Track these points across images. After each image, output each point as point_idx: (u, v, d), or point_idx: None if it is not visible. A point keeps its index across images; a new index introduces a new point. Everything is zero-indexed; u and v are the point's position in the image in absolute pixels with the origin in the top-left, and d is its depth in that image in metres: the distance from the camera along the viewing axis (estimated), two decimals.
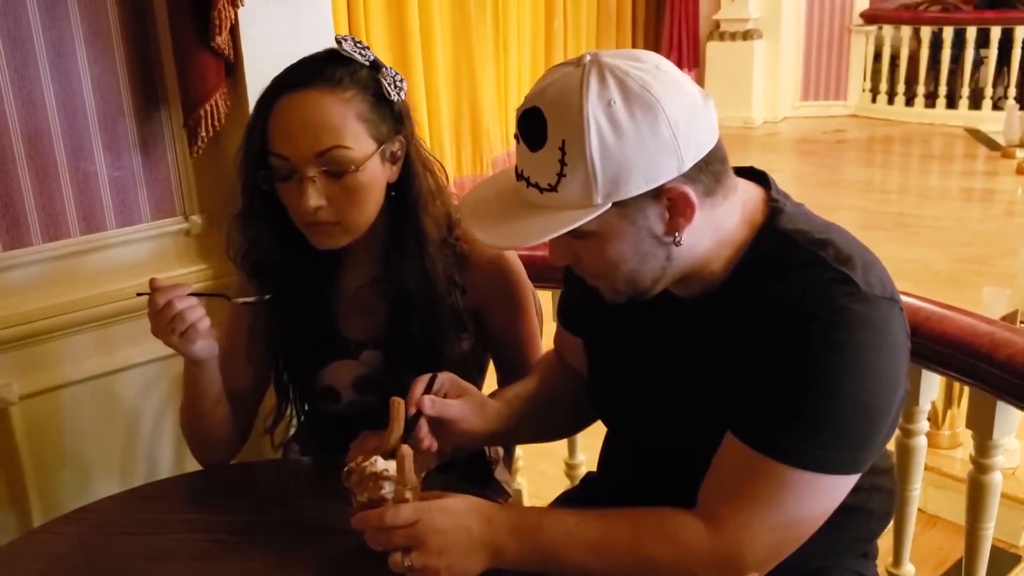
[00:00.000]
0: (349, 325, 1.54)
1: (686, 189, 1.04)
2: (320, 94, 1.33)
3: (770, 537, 1.08)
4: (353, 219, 1.38)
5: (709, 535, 1.09)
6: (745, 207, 1.14)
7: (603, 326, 1.29)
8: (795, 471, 1.05)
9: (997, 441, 1.57)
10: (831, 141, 8.51)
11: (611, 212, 1.03)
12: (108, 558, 1.27)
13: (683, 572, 1.11)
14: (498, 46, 7.04)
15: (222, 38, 1.79)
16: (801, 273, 1.09)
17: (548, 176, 1.03)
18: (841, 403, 1.04)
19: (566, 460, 2.24)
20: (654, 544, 1.11)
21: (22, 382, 1.84)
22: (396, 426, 1.26)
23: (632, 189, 1.02)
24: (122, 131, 1.90)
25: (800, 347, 1.05)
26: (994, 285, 3.67)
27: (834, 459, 1.06)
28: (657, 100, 1.00)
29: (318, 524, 1.29)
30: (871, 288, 1.06)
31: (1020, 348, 1.45)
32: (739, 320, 1.13)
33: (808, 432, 1.05)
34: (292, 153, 1.33)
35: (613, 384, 1.33)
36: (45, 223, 1.84)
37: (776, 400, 1.07)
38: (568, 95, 1.01)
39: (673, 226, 1.06)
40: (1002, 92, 8.44)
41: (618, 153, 1.00)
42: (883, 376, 1.06)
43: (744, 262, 1.14)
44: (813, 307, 1.05)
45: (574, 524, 1.13)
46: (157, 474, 2.02)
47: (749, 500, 1.08)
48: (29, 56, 1.76)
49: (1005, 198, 6.77)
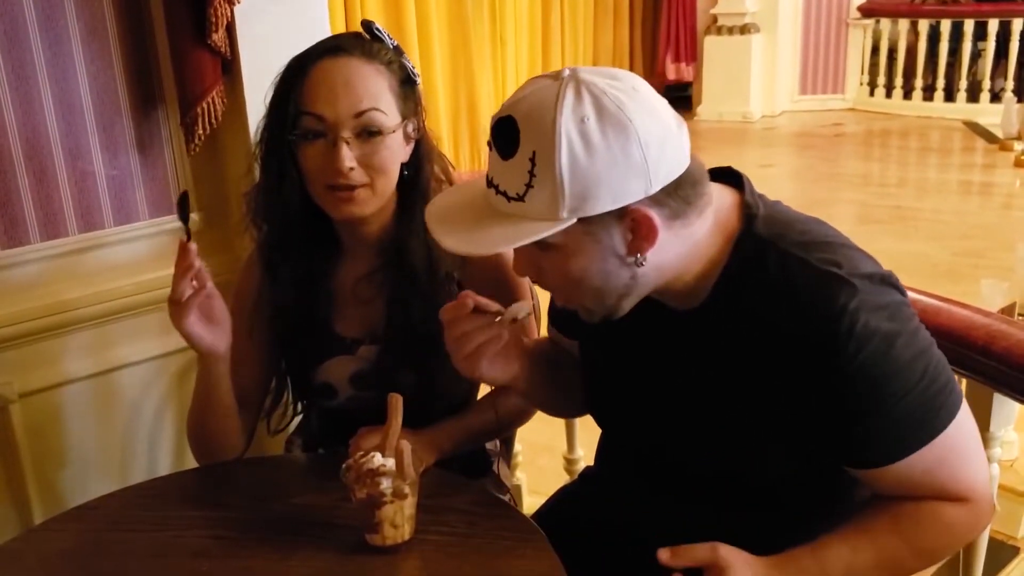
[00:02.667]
0: (345, 321, 1.54)
1: (650, 212, 1.03)
2: (359, 61, 1.40)
3: (986, 471, 1.18)
4: (380, 183, 1.42)
5: (966, 507, 1.15)
6: (718, 215, 1.13)
7: (595, 333, 1.28)
8: (953, 422, 1.11)
9: (994, 433, 1.57)
10: (829, 135, 8.51)
11: (575, 227, 1.03)
12: (108, 555, 1.27)
13: (957, 547, 1.22)
14: (495, 42, 7.04)
15: (218, 35, 1.79)
16: (788, 272, 1.09)
17: (517, 186, 1.03)
18: (920, 367, 1.08)
19: (565, 455, 2.24)
20: (925, 538, 1.15)
21: (22, 380, 1.85)
22: (394, 422, 1.26)
23: (598, 207, 1.01)
24: (119, 129, 1.90)
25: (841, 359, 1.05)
26: (992, 278, 3.67)
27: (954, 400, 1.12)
28: (631, 121, 1.00)
29: (317, 520, 1.30)
30: (863, 276, 1.08)
31: (1017, 340, 1.45)
32: (734, 333, 1.13)
33: (928, 402, 1.09)
34: (331, 112, 1.37)
35: (607, 390, 1.33)
36: (43, 222, 1.84)
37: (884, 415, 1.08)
38: (542, 108, 1.01)
39: (635, 247, 1.06)
40: (1000, 85, 8.44)
41: (587, 170, 0.99)
42: (921, 336, 1.11)
43: (726, 273, 1.13)
44: (824, 313, 1.06)
45: (849, 554, 1.14)
46: (157, 471, 2.02)
47: (963, 465, 1.14)
48: (26, 55, 1.76)
49: (1003, 191, 6.77)
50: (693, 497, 1.24)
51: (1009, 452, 2.68)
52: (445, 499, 1.32)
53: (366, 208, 1.43)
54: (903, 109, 8.98)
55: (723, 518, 1.20)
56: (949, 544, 1.18)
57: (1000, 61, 8.49)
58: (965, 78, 8.60)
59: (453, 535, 1.26)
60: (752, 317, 1.11)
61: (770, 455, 1.16)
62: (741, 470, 1.18)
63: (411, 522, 1.22)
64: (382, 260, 1.51)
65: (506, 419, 1.58)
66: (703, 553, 1.11)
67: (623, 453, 1.39)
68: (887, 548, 1.14)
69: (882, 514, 1.16)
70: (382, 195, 1.43)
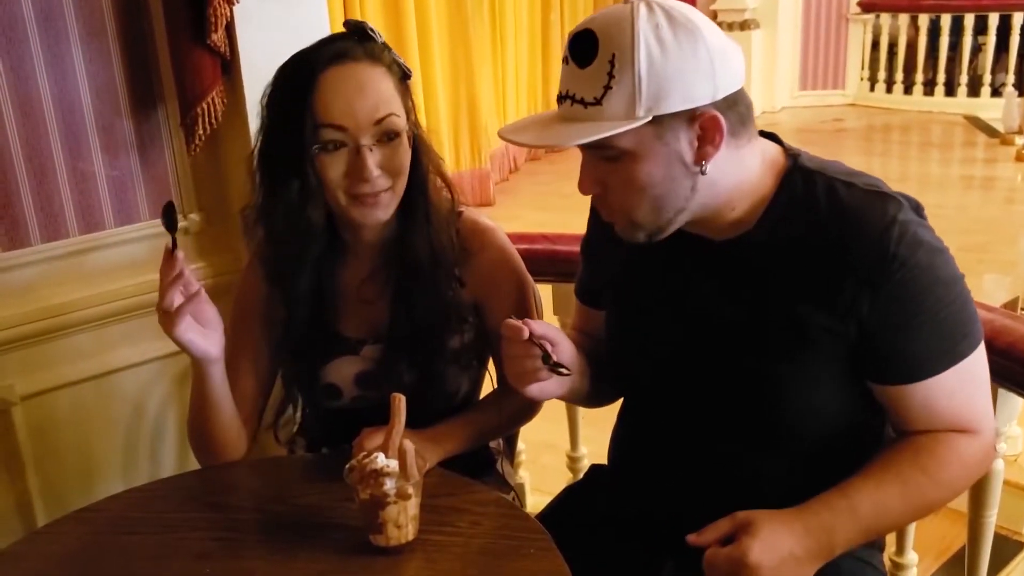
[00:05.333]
0: (350, 322, 1.54)
1: (717, 114, 1.11)
2: (366, 65, 1.38)
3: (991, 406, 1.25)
4: (400, 184, 1.42)
5: (976, 439, 1.20)
6: (765, 156, 1.22)
7: (628, 280, 1.34)
8: (975, 351, 1.18)
9: (999, 428, 1.57)
10: (830, 130, 8.50)
11: (647, 131, 1.10)
12: (111, 558, 1.27)
13: (973, 478, 1.25)
14: (495, 41, 7.03)
15: (218, 35, 1.79)
16: (837, 195, 1.17)
17: (595, 90, 1.10)
18: (954, 289, 1.16)
19: (568, 453, 2.24)
20: (945, 469, 1.18)
21: (23, 382, 1.85)
22: (397, 422, 1.26)
23: (672, 105, 1.09)
24: (119, 130, 1.89)
25: (890, 266, 1.12)
26: (995, 273, 3.67)
27: (978, 331, 1.19)
28: (698, 29, 1.10)
29: (320, 521, 1.29)
30: (905, 198, 1.18)
31: (1021, 335, 1.45)
32: (776, 260, 1.19)
33: (959, 325, 1.16)
34: (351, 122, 1.35)
35: (637, 343, 1.34)
36: (44, 223, 1.84)
37: (919, 329, 1.14)
38: (619, 18, 1.10)
39: (701, 154, 1.13)
40: (1001, 79, 8.42)
41: (663, 68, 1.08)
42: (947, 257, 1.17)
43: (774, 203, 1.21)
44: (874, 225, 1.13)
45: (874, 489, 1.17)
46: (160, 473, 2.02)
47: (977, 395, 1.21)
48: (25, 56, 1.75)
49: (1005, 185, 6.76)
50: (720, 458, 1.26)
51: (1013, 447, 2.68)
52: (449, 499, 1.32)
53: (390, 210, 1.42)
54: (904, 104, 8.96)
55: (750, 489, 1.22)
56: (966, 475, 1.22)
57: (1001, 55, 8.47)
58: (966, 72, 8.59)
59: (457, 535, 1.25)
60: (798, 243, 1.17)
61: (804, 387, 1.19)
62: (774, 408, 1.21)
63: (415, 522, 1.22)
64: (385, 259, 1.50)
65: (510, 418, 1.58)
66: (726, 524, 1.13)
67: (648, 421, 1.38)
68: (910, 481, 1.17)
69: (903, 450, 1.20)
70: (400, 195, 1.43)
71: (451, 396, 1.55)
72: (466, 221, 1.53)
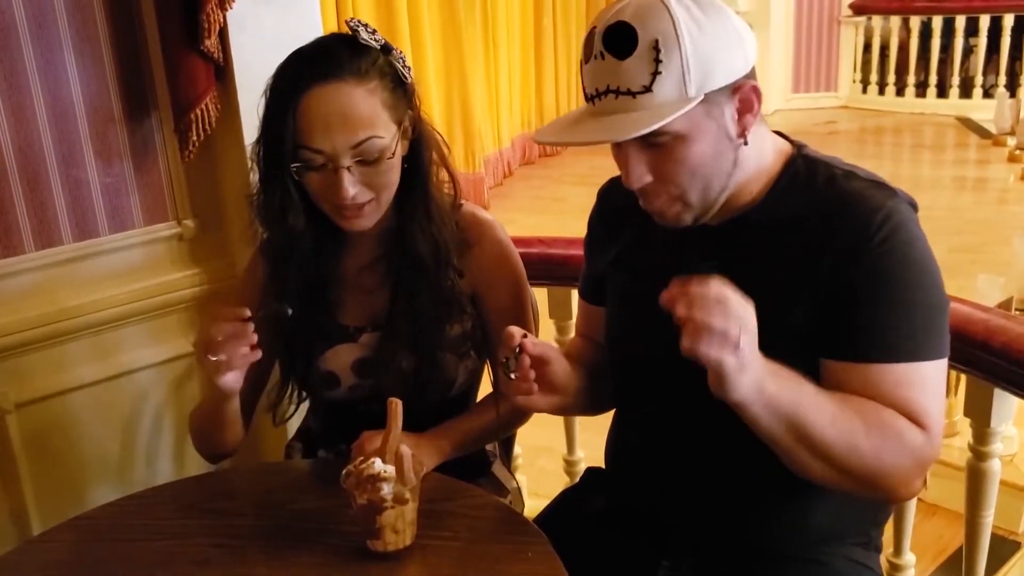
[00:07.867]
0: (348, 310, 1.55)
1: (755, 83, 1.16)
2: (349, 87, 1.36)
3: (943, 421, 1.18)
4: (385, 196, 1.43)
5: (922, 433, 1.14)
6: (775, 142, 1.27)
7: (627, 269, 1.36)
8: (935, 362, 1.16)
9: (995, 428, 1.57)
10: (823, 133, 8.51)
11: (697, 109, 1.12)
12: (108, 565, 1.26)
13: (902, 466, 1.15)
14: (488, 45, 7.03)
15: (211, 41, 1.78)
16: (836, 183, 1.20)
17: (642, 78, 1.11)
18: (931, 291, 1.16)
19: (565, 456, 2.24)
20: (881, 433, 1.12)
21: (18, 390, 1.84)
22: (394, 427, 1.25)
23: (718, 80, 1.12)
24: (113, 137, 1.89)
25: (869, 244, 1.13)
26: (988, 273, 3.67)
27: (945, 349, 1.17)
28: (721, 5, 1.15)
29: (318, 526, 1.29)
30: (903, 194, 1.20)
31: (1016, 335, 1.45)
32: (778, 238, 1.20)
33: (926, 324, 1.15)
34: (328, 146, 1.36)
35: (636, 333, 1.34)
36: (38, 231, 1.84)
37: (885, 307, 1.14)
38: (652, 6, 1.12)
39: (742, 124, 1.17)
40: (992, 80, 8.46)
41: (704, 48, 1.11)
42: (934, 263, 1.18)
43: (778, 184, 1.24)
44: (863, 207, 1.15)
45: (816, 393, 1.12)
46: (155, 480, 2.01)
47: (932, 400, 1.15)
48: (17, 64, 1.75)
49: (997, 186, 6.77)
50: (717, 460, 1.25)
51: (1009, 447, 2.69)
52: (446, 503, 1.32)
53: (374, 219, 1.44)
54: (896, 106, 8.99)
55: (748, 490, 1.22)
56: (898, 453, 1.13)
57: (992, 57, 8.50)
58: (957, 74, 8.63)
59: (455, 540, 1.25)
60: (791, 223, 1.20)
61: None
62: None
63: (412, 527, 1.21)
64: (385, 248, 1.52)
65: (507, 420, 1.58)
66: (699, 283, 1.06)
67: (643, 424, 1.38)
68: (847, 417, 1.12)
69: (858, 399, 1.14)
70: (388, 202, 1.44)
71: (449, 385, 1.55)
72: (465, 214, 1.55)
